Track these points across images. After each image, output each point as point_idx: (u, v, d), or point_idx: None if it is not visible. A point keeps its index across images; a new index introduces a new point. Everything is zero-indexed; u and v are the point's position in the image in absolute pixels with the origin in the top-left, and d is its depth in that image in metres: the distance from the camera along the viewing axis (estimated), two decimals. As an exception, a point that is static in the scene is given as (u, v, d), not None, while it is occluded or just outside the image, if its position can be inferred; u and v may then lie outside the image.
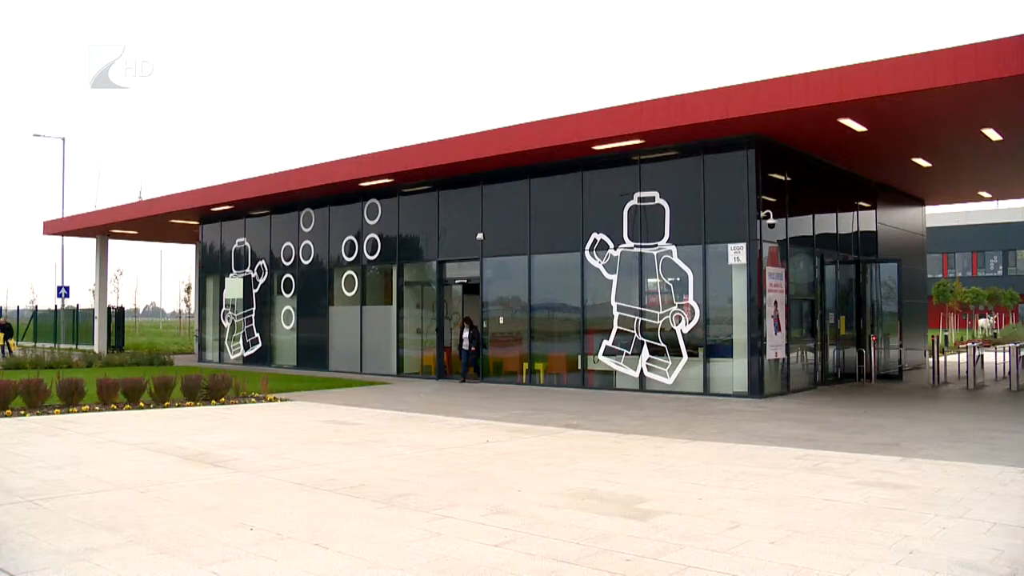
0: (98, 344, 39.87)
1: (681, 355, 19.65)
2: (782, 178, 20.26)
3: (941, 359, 23.72)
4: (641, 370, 20.23)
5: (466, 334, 23.50)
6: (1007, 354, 22.62)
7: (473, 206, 24.06)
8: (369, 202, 26.87)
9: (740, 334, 19.05)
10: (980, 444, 12.60)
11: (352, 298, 27.67)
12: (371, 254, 26.92)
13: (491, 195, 23.76)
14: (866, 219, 25.35)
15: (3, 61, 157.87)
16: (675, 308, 19.70)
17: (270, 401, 18.65)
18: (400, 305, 26.26)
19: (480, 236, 23.61)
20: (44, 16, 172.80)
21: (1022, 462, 10.94)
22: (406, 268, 26.34)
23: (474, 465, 10.93)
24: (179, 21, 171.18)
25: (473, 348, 23.70)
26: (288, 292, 30.01)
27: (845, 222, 24.06)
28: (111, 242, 41.20)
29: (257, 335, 31.20)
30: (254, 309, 31.35)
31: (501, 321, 23.68)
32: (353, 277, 27.61)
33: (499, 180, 23.44)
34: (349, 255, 27.59)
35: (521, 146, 20.91)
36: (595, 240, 21.14)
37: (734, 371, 19.14)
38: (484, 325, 23.85)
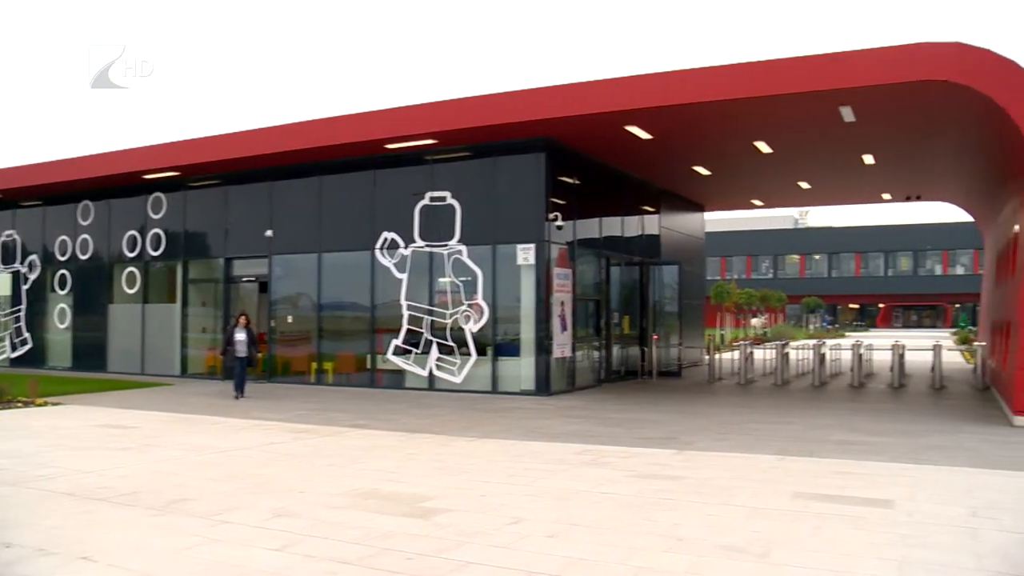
0: None
1: (470, 354, 19.85)
2: (572, 181, 20.82)
3: (717, 356, 25.04)
4: (430, 369, 20.30)
5: (241, 336, 19.52)
6: (775, 351, 24.10)
7: (263, 202, 23.46)
8: (153, 195, 25.71)
9: (528, 333, 19.44)
10: (746, 435, 13.39)
11: (134, 296, 26.42)
12: (155, 250, 25.79)
13: (281, 191, 23.23)
14: (650, 223, 26.39)
15: (2, 60, 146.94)
16: (464, 307, 19.89)
17: (39, 406, 17.51)
18: (185, 303, 25.30)
19: (269, 233, 23.04)
20: (44, 16, 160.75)
21: (780, 451, 11.74)
22: (192, 265, 25.40)
23: (256, 467, 10.67)
24: (179, 21, 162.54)
25: (250, 354, 19.80)
26: (63, 289, 28.29)
27: (630, 225, 24.95)
28: None
29: (27, 335, 29.23)
30: (23, 307, 29.35)
31: (290, 320, 23.20)
32: (135, 274, 26.36)
33: (290, 176, 22.94)
34: (131, 251, 26.32)
35: (312, 143, 20.59)
36: (386, 239, 21.05)
37: (522, 369, 19.51)
38: (272, 324, 23.28)
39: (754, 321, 62.77)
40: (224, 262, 24.38)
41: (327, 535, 7.38)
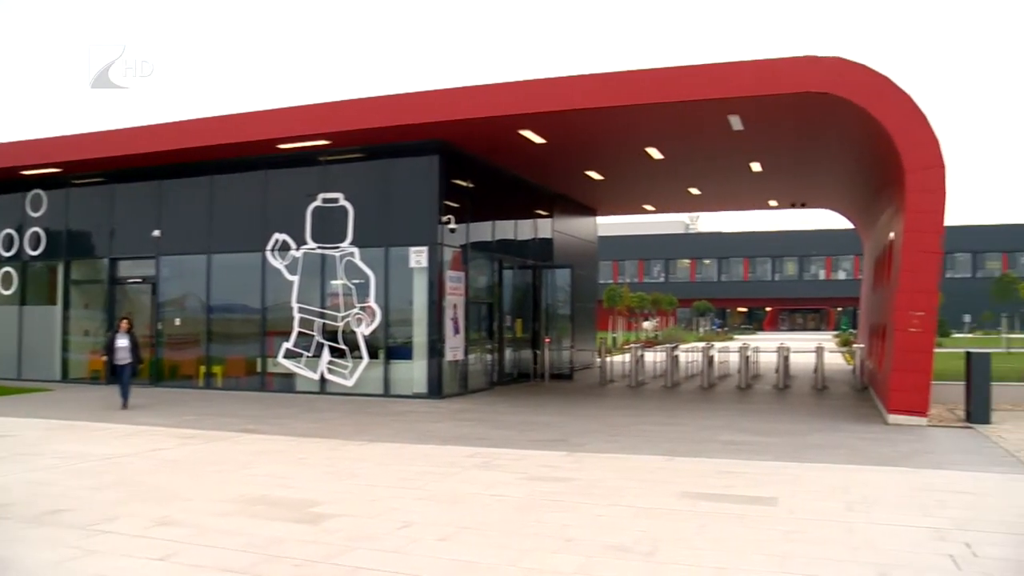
0: None
1: (362, 357, 19.70)
2: (465, 184, 20.84)
3: (608, 359, 25.37)
4: (322, 372, 20.08)
5: (123, 342, 18.11)
6: (665, 354, 24.54)
7: (151, 201, 22.83)
8: (32, 192, 24.73)
9: (420, 336, 19.40)
10: (635, 437, 13.61)
11: (10, 297, 25.36)
12: (34, 249, 24.82)
13: (170, 190, 22.66)
14: (543, 227, 26.59)
15: (2, 60, 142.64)
16: (356, 310, 19.74)
17: (-94, 411, 16.71)
18: (67, 305, 24.43)
19: (157, 233, 22.46)
20: (44, 16, 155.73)
21: (669, 451, 11.98)
22: (74, 265, 24.54)
23: (140, 475, 10.39)
24: (179, 21, 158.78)
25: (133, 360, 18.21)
26: (-67, 289, 27.01)
27: (524, 229, 25.11)
28: None
29: None
30: None
31: (178, 323, 22.63)
32: (11, 274, 25.32)
33: (179, 175, 22.38)
34: (7, 250, 25.26)
35: (201, 141, 20.16)
36: (277, 240, 20.74)
37: (414, 372, 19.46)
38: (159, 326, 22.68)
39: (645, 324, 63.76)
40: (109, 262, 23.66)
41: (213, 543, 7.23)
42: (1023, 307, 45.45)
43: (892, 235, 18.00)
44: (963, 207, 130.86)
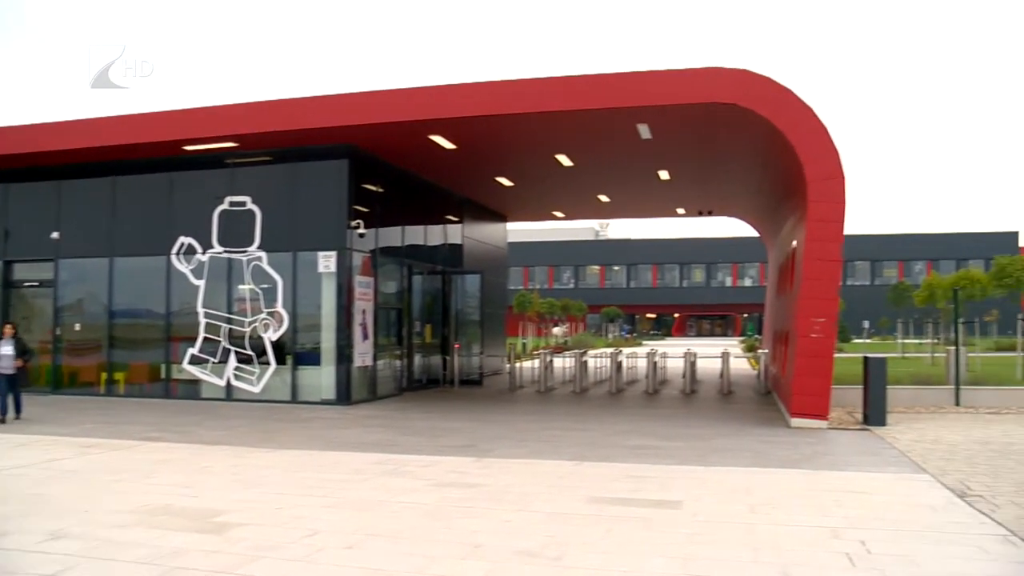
0: None
1: (269, 363, 19.44)
2: (375, 189, 20.72)
3: (518, 365, 25.45)
4: (228, 379, 19.75)
5: (7, 349, 16.43)
6: (574, 359, 24.73)
7: (49, 202, 22.14)
8: (-82, 192, 23.76)
9: (328, 342, 19.23)
10: (544, 442, 13.70)
11: (-103, 301, 24.31)
12: (-82, 251, 23.82)
13: (70, 191, 22.01)
14: (453, 232, 26.59)
15: (3, 60, 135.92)
16: (264, 315, 19.47)
17: None
18: (-44, 310, 23.52)
19: (55, 235, 21.79)
20: (44, 16, 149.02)
21: (577, 456, 12.09)
22: (-35, 268, 23.65)
23: (33, 486, 10.06)
24: (179, 21, 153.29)
25: (19, 365, 16.69)
26: None
27: (433, 234, 25.07)
28: None
29: None
30: None
31: (77, 328, 21.99)
32: (-102, 277, 24.28)
33: (80, 175, 21.74)
34: None
35: (106, 141, 19.65)
36: (183, 244, 20.33)
37: (322, 379, 19.28)
38: (58, 332, 22.00)
39: (555, 330, 64.08)
40: (3, 265, 22.84)
41: (111, 555, 7.04)
42: (917, 313, 46.97)
43: (795, 243, 18.46)
44: (862, 217, 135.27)
